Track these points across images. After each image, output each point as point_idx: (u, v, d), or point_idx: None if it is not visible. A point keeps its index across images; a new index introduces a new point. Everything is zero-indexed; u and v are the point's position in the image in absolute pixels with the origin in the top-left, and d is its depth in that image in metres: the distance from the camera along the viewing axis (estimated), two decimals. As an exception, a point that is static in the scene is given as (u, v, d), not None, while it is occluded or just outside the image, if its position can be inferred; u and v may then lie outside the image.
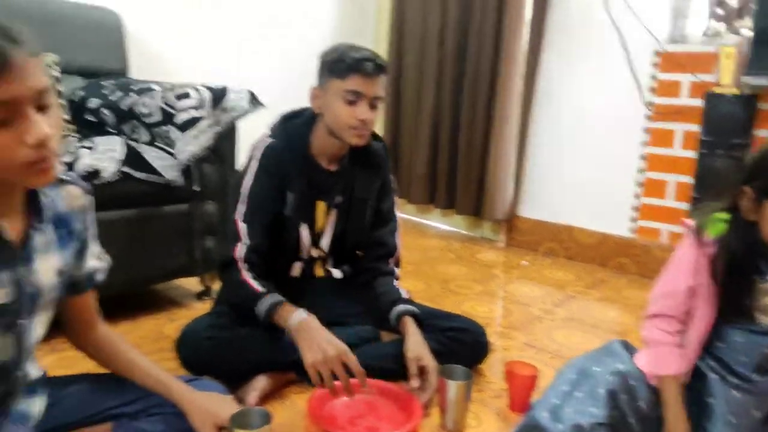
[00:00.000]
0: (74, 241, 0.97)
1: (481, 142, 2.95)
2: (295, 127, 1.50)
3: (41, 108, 0.75)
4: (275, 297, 1.36)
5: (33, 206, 0.87)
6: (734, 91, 2.24)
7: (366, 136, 1.45)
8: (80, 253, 1.00)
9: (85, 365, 1.39)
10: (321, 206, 1.53)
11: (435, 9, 3.05)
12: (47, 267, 0.91)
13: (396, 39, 3.25)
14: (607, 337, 1.81)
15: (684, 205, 2.48)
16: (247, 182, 1.44)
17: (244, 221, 1.42)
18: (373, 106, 1.42)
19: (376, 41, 3.47)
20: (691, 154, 2.43)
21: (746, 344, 1.11)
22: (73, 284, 1.01)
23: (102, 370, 1.13)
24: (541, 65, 2.83)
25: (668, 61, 2.49)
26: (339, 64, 1.40)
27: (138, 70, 2.24)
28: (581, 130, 2.77)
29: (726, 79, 2.28)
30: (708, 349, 1.15)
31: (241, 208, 1.43)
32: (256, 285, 1.37)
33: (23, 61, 0.71)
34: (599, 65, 2.69)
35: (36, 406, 0.99)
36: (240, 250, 1.40)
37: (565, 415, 1.12)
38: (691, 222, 1.15)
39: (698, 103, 2.38)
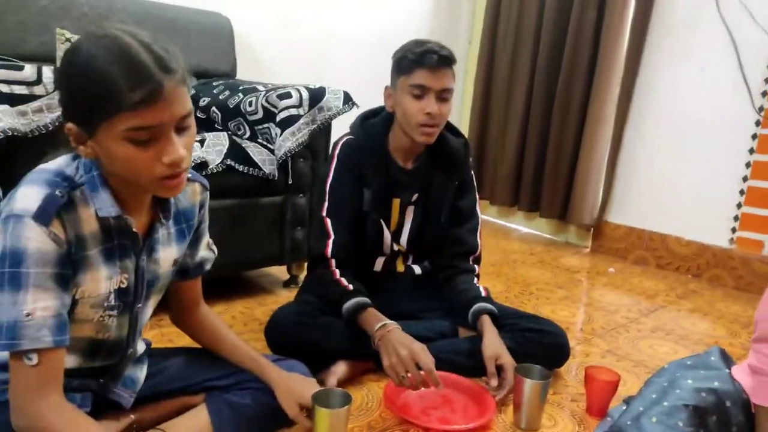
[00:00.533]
0: (191, 233, 1.08)
1: (572, 144, 2.89)
2: (372, 126, 1.55)
3: (181, 129, 0.83)
4: (363, 299, 1.41)
5: (161, 204, 0.97)
6: None
7: (434, 133, 1.46)
8: (194, 244, 1.11)
9: (183, 341, 1.54)
10: (396, 203, 1.58)
11: (532, 10, 3.02)
12: (165, 257, 1.02)
13: (489, 39, 3.25)
14: (696, 349, 1.74)
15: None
16: (329, 179, 1.52)
17: (329, 216, 1.50)
18: (441, 100, 1.43)
19: (470, 39, 3.49)
20: (804, 163, 2.26)
21: None
22: (184, 270, 1.13)
23: (198, 347, 1.24)
24: (641, 66, 2.73)
25: (783, 62, 2.33)
26: (404, 61, 1.43)
27: (245, 71, 2.40)
28: (681, 133, 2.65)
29: None
30: None
31: (325, 205, 1.50)
32: (346, 283, 1.44)
33: (173, 90, 0.78)
34: (706, 66, 2.55)
35: (142, 373, 1.11)
36: (330, 247, 1.47)
37: (648, 424, 1.09)
38: None
39: (815, 108, 2.21)
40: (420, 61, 1.41)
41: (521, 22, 3.08)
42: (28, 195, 0.82)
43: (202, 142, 1.75)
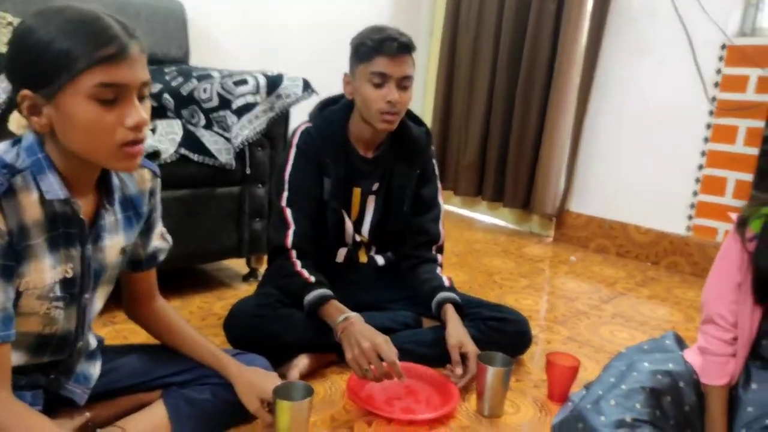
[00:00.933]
0: (140, 221, 1.04)
1: (534, 135, 2.91)
2: (331, 113, 1.52)
3: (140, 98, 0.84)
4: (325, 291, 1.38)
5: (105, 187, 0.94)
6: (805, 85, 2.13)
7: (394, 121, 1.44)
8: (146, 233, 1.07)
9: (138, 338, 1.48)
10: (357, 193, 1.55)
11: (493, 1, 3.02)
12: (112, 245, 0.98)
13: (450, 29, 3.24)
14: (654, 334, 1.77)
15: (743, 203, 2.37)
16: (287, 168, 1.48)
17: (289, 206, 1.46)
18: (402, 87, 1.41)
19: (432, 32, 3.47)
20: (754, 151, 2.32)
21: None
22: (136, 261, 1.08)
23: (154, 342, 1.20)
24: (600, 57, 2.76)
25: (735, 55, 2.39)
26: (362, 48, 1.40)
27: (198, 57, 2.33)
28: (639, 124, 2.69)
29: (797, 72, 2.16)
30: (754, 348, 1.12)
31: (284, 194, 1.47)
32: (307, 274, 1.40)
33: (137, 54, 0.82)
34: (661, 58, 2.60)
35: (96, 369, 1.07)
36: (291, 238, 1.43)
37: (607, 407, 1.11)
38: (737, 215, 1.11)
39: (765, 98, 2.27)
40: (379, 48, 1.38)
41: (482, 13, 3.08)
42: None
43: (153, 130, 1.68)
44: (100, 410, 1.07)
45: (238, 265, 2.11)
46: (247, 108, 1.78)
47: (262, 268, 2.02)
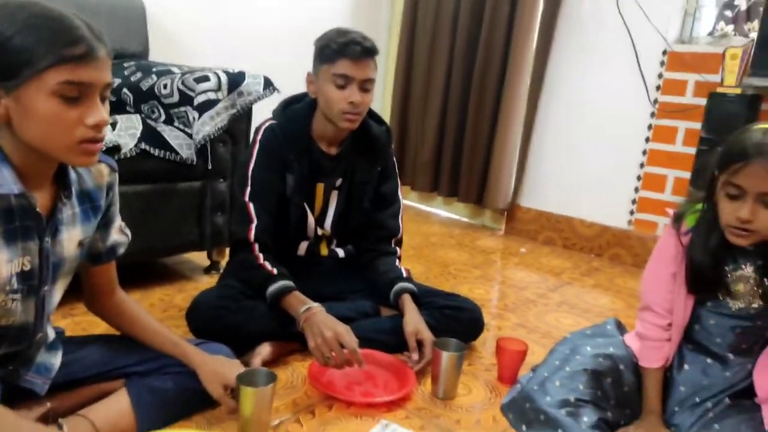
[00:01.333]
0: (97, 215, 1.05)
1: (487, 133, 3.02)
2: (295, 112, 1.56)
3: (102, 99, 0.86)
4: (287, 282, 1.43)
5: (61, 181, 0.94)
6: (737, 91, 2.29)
7: (356, 120, 1.50)
8: (105, 227, 1.08)
9: (97, 329, 1.50)
10: (320, 188, 1.60)
11: (449, 2, 3.10)
12: (70, 238, 0.99)
13: (408, 27, 3.31)
14: (596, 320, 1.88)
15: (681, 200, 2.54)
16: (250, 164, 1.52)
17: (252, 201, 1.50)
18: (364, 90, 1.47)
19: (390, 28, 3.53)
20: (693, 150, 2.49)
21: (719, 327, 1.20)
22: (95, 255, 1.10)
23: (115, 333, 1.22)
24: (550, 59, 2.88)
25: (675, 60, 2.55)
26: (327, 50, 1.45)
27: (158, 53, 2.32)
28: (586, 124, 2.83)
29: (730, 79, 2.32)
30: (687, 333, 1.24)
31: (247, 190, 1.50)
32: (269, 267, 1.45)
33: (104, 56, 0.84)
34: (607, 62, 2.74)
35: (57, 359, 1.08)
36: (253, 232, 1.47)
37: (552, 388, 1.21)
38: (673, 211, 1.23)
39: (702, 102, 2.43)
40: (343, 51, 1.43)
41: (439, 15, 3.15)
42: None
43: (114, 125, 1.68)
44: (62, 400, 1.08)
45: (199, 258, 2.12)
46: (208, 105, 1.80)
47: (224, 261, 2.05)
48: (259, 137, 1.54)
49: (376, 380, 1.40)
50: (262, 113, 1.87)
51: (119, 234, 1.13)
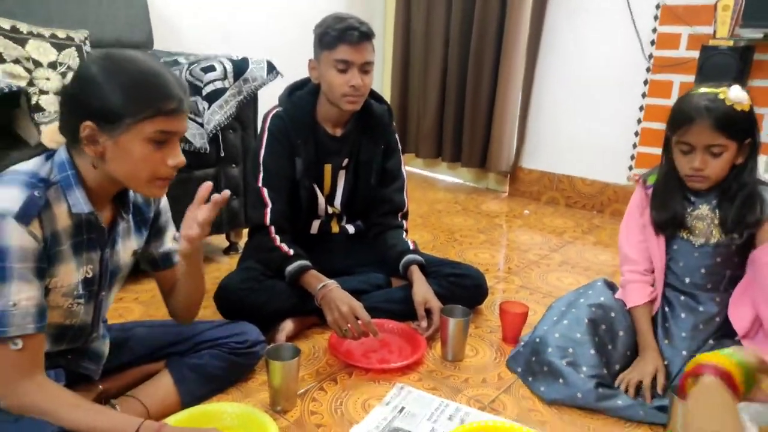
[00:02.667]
0: (147, 226, 1.17)
1: (487, 98, 3.07)
2: (299, 98, 1.64)
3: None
4: (303, 262, 1.54)
5: (121, 200, 1.07)
6: (729, 43, 2.32)
7: (359, 101, 1.58)
8: (157, 235, 1.20)
9: (132, 315, 1.64)
10: (328, 169, 1.69)
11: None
12: (125, 249, 1.12)
13: (404, 4, 3.32)
14: (597, 277, 1.99)
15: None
16: (262, 151, 1.61)
17: (265, 186, 1.59)
18: (364, 72, 1.54)
19: (386, 8, 3.54)
20: (687, 104, 2.54)
21: (687, 268, 1.37)
22: (152, 261, 1.21)
23: (151, 320, 1.33)
24: (545, 20, 2.91)
25: (668, 14, 2.56)
26: (326, 37, 1.52)
27: (162, 41, 2.38)
28: (583, 84, 2.87)
29: (722, 31, 2.35)
30: (665, 279, 1.40)
31: (260, 176, 1.60)
32: (286, 248, 1.55)
33: (186, 108, 0.98)
34: (602, 19, 2.76)
35: (106, 347, 1.22)
36: (269, 216, 1.57)
37: (553, 340, 1.35)
38: (638, 175, 1.47)
39: (696, 54, 2.45)
40: (342, 37, 1.50)
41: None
42: (9, 196, 0.90)
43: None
44: (112, 383, 1.22)
45: (218, 240, 2.24)
46: (216, 94, 1.88)
47: (242, 242, 2.17)
48: (267, 125, 1.63)
49: (390, 347, 1.53)
50: (268, 97, 1.95)
51: (173, 243, 1.23)
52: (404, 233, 1.77)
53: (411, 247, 1.72)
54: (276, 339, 1.49)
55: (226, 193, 1.06)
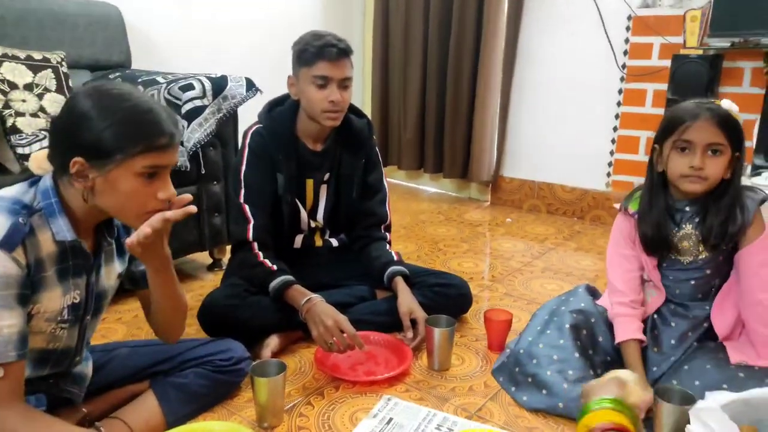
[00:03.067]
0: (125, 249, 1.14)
1: (466, 110, 3.12)
2: (279, 114, 1.65)
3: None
4: (287, 277, 1.53)
5: (107, 226, 1.07)
6: (698, 51, 2.39)
7: (338, 117, 1.59)
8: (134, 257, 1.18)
9: (115, 336, 1.62)
10: (310, 184, 1.70)
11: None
12: (110, 273, 1.11)
13: (382, 10, 3.36)
14: (579, 283, 2.02)
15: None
16: (243, 168, 1.61)
17: (246, 202, 1.59)
18: (343, 87, 1.56)
19: (365, 14, 3.58)
20: (662, 111, 2.59)
21: (677, 281, 1.38)
22: (133, 279, 1.20)
23: (135, 339, 1.32)
24: (521, 33, 2.96)
25: (640, 25, 2.63)
26: (305, 53, 1.54)
27: (140, 61, 2.38)
28: (559, 92, 2.93)
29: (692, 41, 2.42)
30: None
31: (241, 192, 1.60)
32: (269, 264, 1.55)
33: (177, 141, 0.98)
34: (576, 30, 2.82)
35: (89, 369, 1.21)
36: (251, 232, 1.57)
37: (537, 351, 1.37)
38: (618, 204, 1.46)
39: (668, 63, 2.51)
40: (320, 54, 1.52)
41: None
42: None
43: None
44: (95, 405, 1.20)
45: (201, 257, 2.23)
46: (196, 112, 1.89)
47: (225, 258, 2.16)
48: (247, 141, 1.63)
49: (377, 359, 1.53)
50: (247, 114, 1.96)
51: None
52: (387, 245, 1.78)
53: (395, 258, 1.72)
54: (261, 355, 1.49)
55: (192, 208, 1.00)
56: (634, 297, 1.39)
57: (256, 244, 1.58)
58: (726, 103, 1.25)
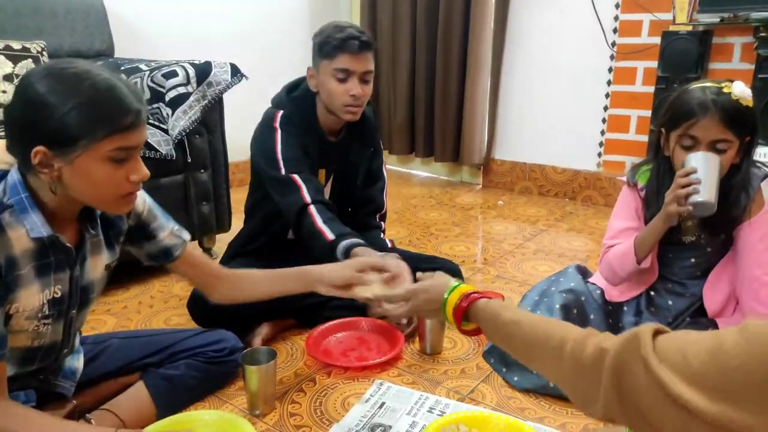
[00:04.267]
0: (120, 239, 1.11)
1: (456, 92, 3.09)
2: (299, 101, 1.61)
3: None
4: (349, 240, 1.43)
5: (88, 216, 1.02)
6: (688, 28, 2.37)
7: (358, 112, 1.56)
8: (150, 239, 1.15)
9: (105, 328, 1.61)
10: (322, 174, 1.68)
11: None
12: (96, 264, 1.06)
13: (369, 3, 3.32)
14: (570, 263, 2.02)
15: (644, 138, 2.66)
16: (277, 148, 1.54)
17: (292, 173, 1.52)
18: (364, 81, 1.53)
19: (352, 4, 3.53)
20: (652, 89, 2.58)
21: (677, 259, 1.38)
22: (150, 256, 1.18)
23: (126, 331, 1.30)
24: (510, 14, 2.93)
25: (629, 2, 2.61)
26: (326, 46, 1.51)
27: (123, 49, 2.34)
28: (549, 73, 2.91)
29: (681, 17, 2.40)
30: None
31: (281, 167, 1.52)
32: (328, 233, 1.46)
33: (144, 118, 0.92)
34: (565, 9, 2.80)
35: (80, 362, 1.19)
36: (307, 195, 1.49)
37: None
38: (624, 177, 1.42)
39: (657, 41, 2.50)
40: (342, 46, 1.48)
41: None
42: None
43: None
44: (85, 397, 1.18)
45: (190, 247, 2.20)
46: (180, 99, 1.86)
47: (215, 247, 2.15)
48: (276, 124, 1.57)
49: (368, 344, 1.53)
50: (233, 100, 1.93)
51: (171, 238, 1.18)
52: (382, 234, 1.78)
53: (389, 245, 1.72)
54: (252, 343, 1.48)
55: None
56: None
57: (313, 208, 1.49)
58: (737, 88, 1.18)
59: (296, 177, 1.52)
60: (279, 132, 1.57)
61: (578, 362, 0.69)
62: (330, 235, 1.46)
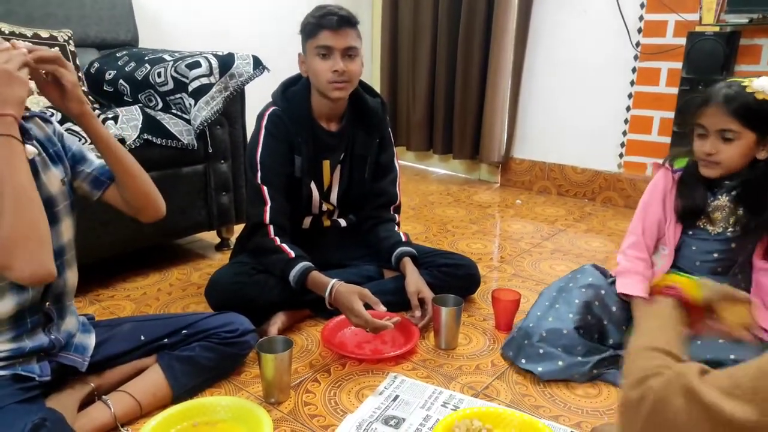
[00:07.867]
0: (62, 159, 1.13)
1: (477, 89, 3.07)
2: (294, 93, 1.63)
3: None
4: (305, 264, 1.50)
5: (23, 134, 1.01)
6: (715, 29, 2.33)
7: (345, 87, 1.56)
8: (82, 162, 1.17)
9: (123, 312, 1.63)
10: (326, 165, 1.69)
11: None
12: (50, 179, 1.08)
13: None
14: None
15: (667, 140, 2.62)
16: (258, 150, 1.58)
17: (264, 183, 1.57)
18: (348, 57, 1.53)
19: (373, 2, 3.53)
20: (676, 90, 2.54)
21: (700, 252, 1.37)
22: (94, 181, 1.18)
23: (140, 315, 1.32)
24: (533, 12, 2.91)
25: (654, 1, 2.57)
26: (308, 26, 1.53)
27: (147, 39, 2.37)
28: (571, 72, 2.88)
29: (708, 17, 2.36)
30: (674, 261, 1.40)
31: (258, 174, 1.57)
32: (288, 249, 1.52)
33: None
34: (589, 9, 2.76)
35: (91, 340, 1.22)
36: (269, 214, 1.55)
37: (546, 324, 1.36)
38: (659, 162, 1.43)
39: (683, 41, 2.47)
40: (321, 23, 1.50)
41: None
42: None
43: (115, 118, 1.76)
44: (103, 379, 1.21)
45: (209, 236, 2.23)
46: (202, 90, 1.87)
47: (233, 238, 2.17)
48: (264, 123, 1.60)
49: (383, 337, 1.53)
50: (255, 92, 1.94)
51: (99, 158, 1.20)
52: (396, 226, 1.77)
53: (403, 239, 1.71)
54: (268, 332, 1.49)
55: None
56: (648, 256, 1.41)
57: (272, 228, 1.55)
58: (758, 81, 1.20)
59: (265, 190, 1.57)
60: (263, 133, 1.59)
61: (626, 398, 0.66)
62: (290, 252, 1.52)
